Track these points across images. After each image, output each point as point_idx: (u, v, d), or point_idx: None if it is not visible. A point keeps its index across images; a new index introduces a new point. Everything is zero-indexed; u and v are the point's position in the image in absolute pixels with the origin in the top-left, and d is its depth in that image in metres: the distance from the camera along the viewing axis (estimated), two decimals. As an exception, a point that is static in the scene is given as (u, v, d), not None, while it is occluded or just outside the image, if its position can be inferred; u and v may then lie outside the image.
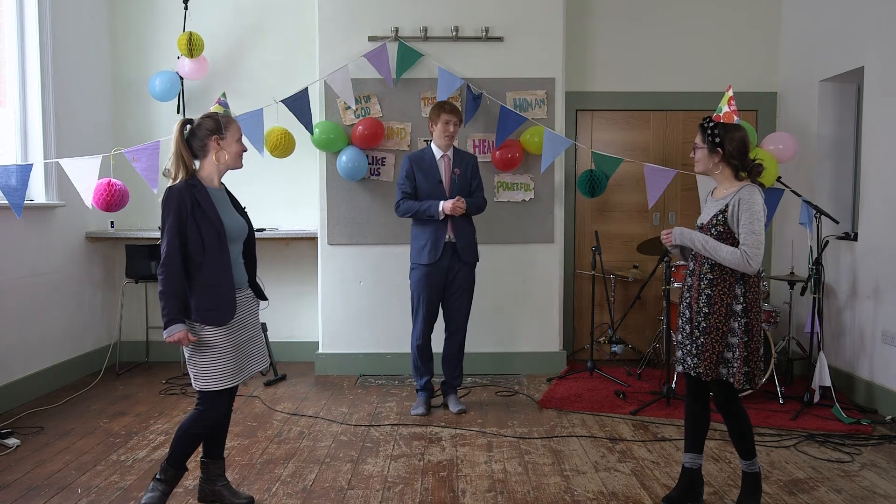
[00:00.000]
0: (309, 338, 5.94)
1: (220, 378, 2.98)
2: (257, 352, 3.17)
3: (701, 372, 3.05)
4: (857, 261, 4.85)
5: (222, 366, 2.98)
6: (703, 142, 3.07)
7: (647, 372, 5.48)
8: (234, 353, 3.01)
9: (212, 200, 2.99)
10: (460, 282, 4.55)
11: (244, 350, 3.07)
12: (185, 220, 2.90)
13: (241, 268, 3.12)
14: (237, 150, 3.08)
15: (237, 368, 3.02)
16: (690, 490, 3.22)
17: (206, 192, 2.98)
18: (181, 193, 2.93)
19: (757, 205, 2.98)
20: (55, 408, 4.66)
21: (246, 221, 3.17)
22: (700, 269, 3.10)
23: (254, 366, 3.14)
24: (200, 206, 2.93)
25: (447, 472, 3.62)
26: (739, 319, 3.01)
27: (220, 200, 3.06)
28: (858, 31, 4.86)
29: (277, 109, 4.98)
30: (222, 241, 2.95)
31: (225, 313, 2.96)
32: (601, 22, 5.89)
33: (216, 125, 3.02)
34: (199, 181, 3.00)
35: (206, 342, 2.96)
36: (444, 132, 4.52)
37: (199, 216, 2.92)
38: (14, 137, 4.95)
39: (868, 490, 3.41)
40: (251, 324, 3.14)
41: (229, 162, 3.07)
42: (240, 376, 3.05)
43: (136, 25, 5.90)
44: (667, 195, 5.76)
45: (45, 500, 3.29)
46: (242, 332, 3.07)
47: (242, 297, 3.10)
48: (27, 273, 4.85)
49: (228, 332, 2.99)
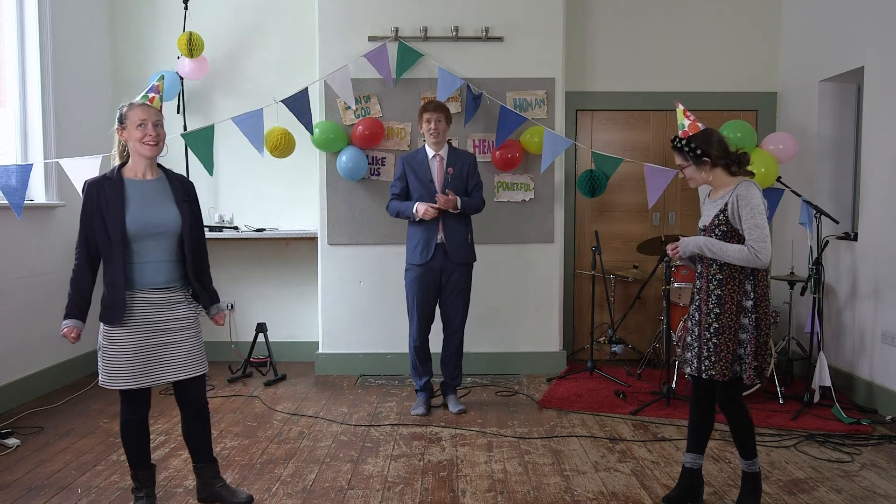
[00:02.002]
0: (309, 338, 5.94)
1: (118, 378, 2.90)
2: (181, 359, 2.97)
3: (714, 374, 3.03)
4: (857, 261, 4.85)
5: (120, 366, 2.90)
6: (686, 160, 3.09)
7: (647, 372, 5.48)
8: (134, 356, 2.89)
9: (124, 195, 2.89)
10: (455, 283, 4.53)
11: (152, 355, 2.92)
12: (91, 214, 2.88)
13: (161, 267, 2.95)
14: (137, 137, 2.92)
15: (137, 372, 2.90)
16: (690, 490, 3.22)
17: (120, 186, 2.90)
18: (90, 187, 2.92)
19: (755, 198, 2.98)
20: (55, 408, 4.66)
21: (179, 216, 2.97)
22: (708, 271, 3.10)
23: (164, 374, 2.95)
24: (108, 199, 2.87)
25: (447, 472, 3.62)
26: (749, 315, 3.01)
27: (145, 193, 2.94)
28: (858, 31, 4.86)
29: (277, 109, 4.98)
30: (123, 239, 2.87)
31: (116, 313, 2.87)
32: (601, 22, 5.89)
33: (119, 116, 2.98)
34: (118, 174, 2.94)
35: (107, 338, 2.91)
36: (427, 131, 4.51)
37: (105, 211, 2.87)
38: (14, 137, 4.95)
39: (868, 490, 3.41)
40: (173, 328, 2.96)
41: (136, 150, 2.94)
42: (142, 380, 2.91)
43: (136, 25, 5.90)
44: (667, 195, 5.76)
45: (45, 500, 3.29)
46: (154, 336, 2.93)
47: (161, 298, 2.94)
48: (27, 273, 4.85)
49: (128, 333, 2.89)
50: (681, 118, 3.20)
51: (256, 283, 5.98)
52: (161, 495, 3.32)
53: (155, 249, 2.94)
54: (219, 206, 5.92)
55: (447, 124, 4.55)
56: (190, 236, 3.02)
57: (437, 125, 4.48)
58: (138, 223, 2.89)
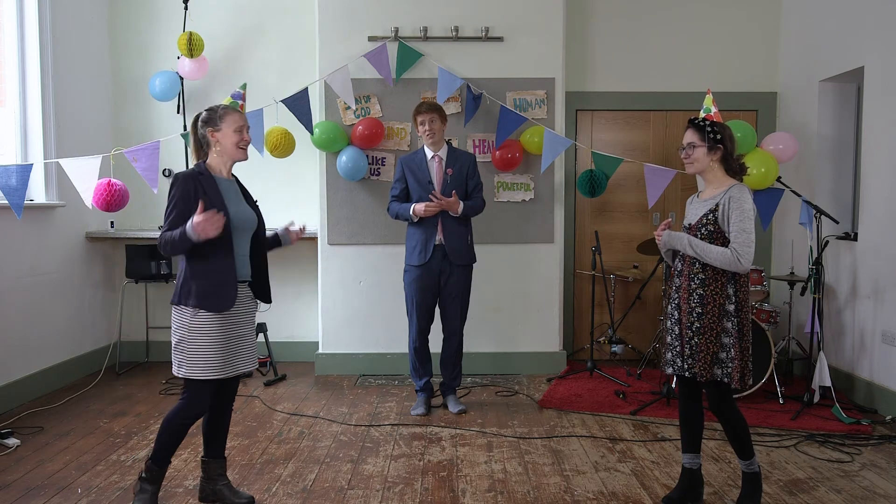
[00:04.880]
0: (309, 338, 5.94)
1: (206, 367, 2.96)
2: (247, 352, 3.12)
3: (696, 372, 3.04)
4: (857, 261, 4.85)
5: (210, 355, 2.96)
6: (703, 140, 3.07)
7: (647, 372, 5.48)
8: (224, 346, 2.99)
9: (218, 189, 3.01)
10: (453, 285, 4.52)
11: (233, 345, 3.04)
12: (189, 205, 2.92)
13: (244, 261, 3.11)
14: (233, 141, 3.06)
15: (223, 362, 3.00)
16: (690, 490, 3.22)
17: (213, 180, 3.02)
18: (185, 180, 2.98)
19: (747, 203, 2.99)
20: (55, 408, 4.66)
21: (257, 214, 3.18)
22: (690, 269, 3.09)
23: (240, 365, 3.09)
24: (206, 193, 2.96)
25: (447, 472, 3.62)
26: (732, 319, 3.02)
27: (228, 191, 3.08)
28: (858, 31, 4.86)
29: (277, 109, 4.98)
30: (226, 230, 2.96)
31: (224, 300, 2.96)
32: (601, 22, 5.89)
33: (211, 116, 3.06)
34: (206, 170, 3.05)
35: (198, 328, 2.95)
36: (423, 133, 4.50)
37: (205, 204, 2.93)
38: (14, 137, 4.94)
39: (868, 490, 3.41)
40: (245, 321, 3.11)
41: (229, 153, 3.08)
42: (224, 370, 3.01)
43: (136, 25, 5.90)
44: (667, 195, 5.77)
45: (45, 500, 3.29)
46: (235, 327, 3.05)
47: (243, 290, 3.08)
48: (27, 273, 4.85)
49: (222, 323, 2.98)
50: (708, 103, 3.18)
51: (256, 283, 5.97)
52: (161, 495, 3.32)
53: (243, 244, 3.10)
54: (219, 206, 5.92)
55: (442, 123, 4.53)
56: (261, 235, 3.22)
57: (432, 126, 4.46)
58: (239, 217, 3.05)
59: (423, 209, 4.37)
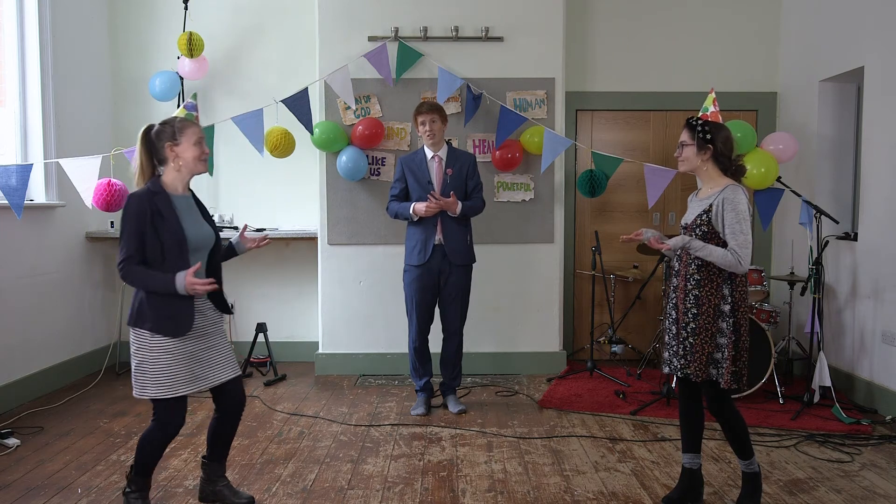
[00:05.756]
0: (309, 338, 5.94)
1: (172, 386, 2.89)
2: (218, 362, 3.04)
3: (690, 373, 3.05)
4: (857, 261, 4.85)
5: (174, 373, 2.89)
6: (693, 139, 3.08)
7: (647, 372, 5.48)
8: (187, 362, 2.92)
9: (174, 209, 2.93)
10: (453, 285, 4.52)
11: (200, 359, 2.97)
12: (144, 227, 2.86)
13: (201, 276, 3.02)
14: (194, 155, 2.97)
15: (190, 377, 2.93)
16: (690, 490, 3.22)
17: (168, 199, 2.92)
18: (140, 201, 2.88)
19: (742, 204, 2.98)
20: (55, 408, 4.66)
21: (213, 231, 3.10)
22: (686, 270, 3.10)
23: (212, 376, 3.01)
24: (161, 213, 2.88)
25: (447, 472, 3.62)
26: (728, 319, 3.02)
27: (185, 208, 2.99)
28: (858, 31, 4.86)
29: (277, 109, 4.98)
30: (183, 251, 2.90)
31: (180, 325, 2.89)
32: (601, 22, 5.89)
33: (170, 131, 2.95)
34: (161, 188, 2.94)
35: (158, 349, 2.89)
36: (423, 133, 4.50)
37: (160, 224, 2.88)
38: (14, 137, 4.94)
39: (868, 490, 3.41)
40: (209, 333, 3.04)
41: (190, 167, 2.98)
42: (193, 385, 2.95)
43: (136, 25, 5.90)
44: (667, 195, 5.77)
45: (45, 500, 3.29)
46: (199, 342, 2.98)
47: (202, 307, 3.02)
48: (27, 273, 4.85)
49: (183, 341, 2.92)
50: (708, 102, 3.16)
51: (256, 283, 5.98)
52: (161, 495, 3.33)
53: (198, 261, 3.01)
54: (219, 206, 5.93)
55: (443, 124, 4.53)
56: (218, 251, 3.14)
57: (433, 126, 4.46)
58: (196, 237, 2.98)
59: (424, 209, 4.37)
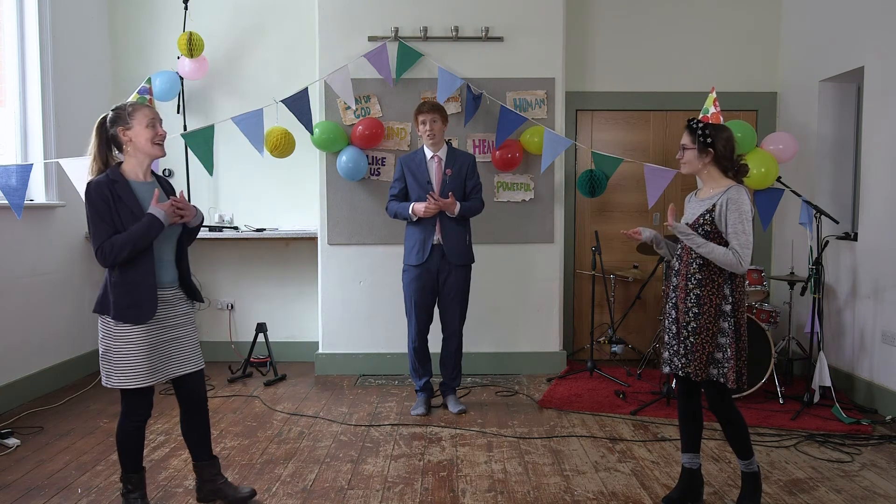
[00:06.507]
0: (309, 338, 5.94)
1: (134, 376, 2.89)
2: (184, 353, 3.04)
3: (690, 372, 3.05)
4: (857, 261, 4.85)
5: (137, 363, 2.89)
6: (693, 142, 3.08)
7: (647, 372, 5.48)
8: (149, 353, 2.91)
9: (135, 195, 2.90)
10: (452, 285, 4.52)
11: (162, 351, 2.97)
12: (109, 212, 2.84)
13: (169, 265, 3.01)
14: (147, 137, 2.92)
15: (153, 368, 2.93)
16: (690, 490, 3.22)
17: (128, 186, 2.90)
18: (100, 187, 2.85)
19: (745, 205, 2.99)
20: (55, 408, 4.66)
21: None
22: (687, 270, 3.10)
23: (174, 368, 3.01)
24: (122, 199, 2.86)
25: (447, 472, 3.62)
26: (729, 319, 3.02)
27: (146, 194, 2.94)
28: (858, 31, 4.86)
29: (277, 109, 4.98)
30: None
31: (145, 312, 2.88)
32: (601, 22, 5.89)
33: (119, 115, 2.93)
34: (121, 175, 2.91)
35: (122, 337, 2.88)
36: (423, 133, 4.49)
37: (122, 211, 2.85)
38: (14, 137, 4.95)
39: (868, 490, 3.41)
40: (178, 324, 3.03)
41: (145, 150, 2.94)
42: (154, 377, 2.93)
43: (136, 25, 5.90)
44: (667, 195, 5.76)
45: (45, 500, 3.29)
46: (164, 332, 2.97)
47: (169, 295, 3.00)
48: (27, 273, 4.85)
49: (147, 330, 2.91)
50: (708, 103, 3.16)
51: (256, 283, 5.98)
52: (161, 495, 3.33)
53: (166, 249, 3.00)
54: (219, 206, 5.93)
55: (443, 124, 4.52)
56: (186, 238, 3.10)
57: (433, 126, 4.46)
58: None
59: (422, 209, 4.37)
